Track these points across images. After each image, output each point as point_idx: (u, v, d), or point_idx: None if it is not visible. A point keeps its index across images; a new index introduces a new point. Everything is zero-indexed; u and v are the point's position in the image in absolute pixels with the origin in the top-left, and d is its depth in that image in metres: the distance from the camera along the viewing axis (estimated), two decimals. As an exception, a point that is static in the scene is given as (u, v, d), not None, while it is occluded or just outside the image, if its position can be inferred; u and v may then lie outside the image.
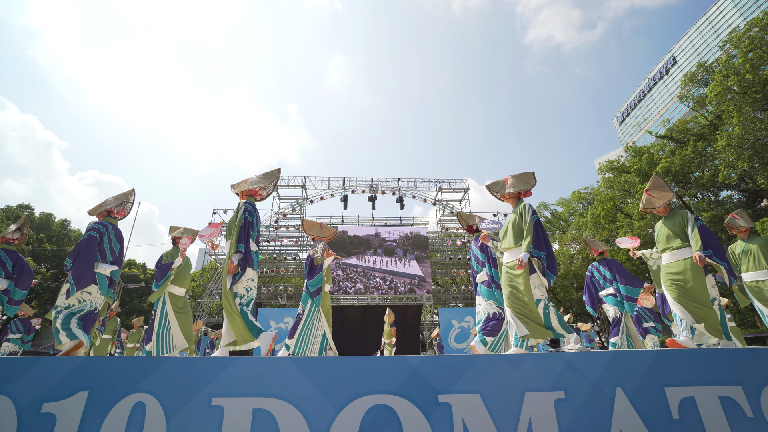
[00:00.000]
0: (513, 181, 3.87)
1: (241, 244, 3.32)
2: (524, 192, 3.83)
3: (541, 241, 3.40)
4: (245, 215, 3.47)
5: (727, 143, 16.20)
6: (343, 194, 22.05)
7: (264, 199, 3.96)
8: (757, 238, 4.76)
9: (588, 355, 2.40)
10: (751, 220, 4.92)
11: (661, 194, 4.14)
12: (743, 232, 4.86)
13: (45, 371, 2.14)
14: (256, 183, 3.81)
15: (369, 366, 2.25)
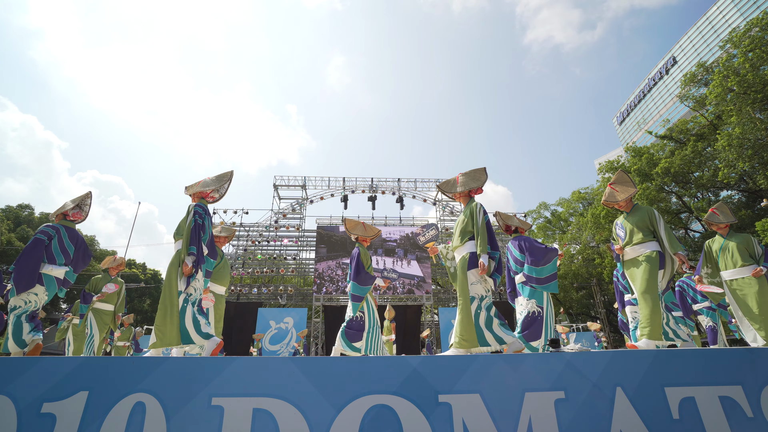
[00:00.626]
0: (463, 179, 3.71)
1: (193, 246, 3.31)
2: (474, 190, 3.67)
3: (492, 240, 3.33)
4: (195, 218, 3.45)
5: (728, 143, 16.21)
6: (343, 194, 22.06)
7: (216, 202, 3.93)
8: (735, 235, 4.60)
9: (588, 355, 2.40)
10: (732, 216, 4.73)
11: (625, 189, 4.05)
12: (722, 228, 4.69)
13: (45, 371, 2.14)
14: (208, 185, 3.80)
15: (369, 366, 2.26)
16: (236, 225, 21.17)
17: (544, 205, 33.99)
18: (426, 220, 22.88)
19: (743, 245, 4.45)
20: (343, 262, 20.38)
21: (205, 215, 3.57)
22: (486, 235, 3.30)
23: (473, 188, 3.61)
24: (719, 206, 4.78)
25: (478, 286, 3.25)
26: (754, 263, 4.31)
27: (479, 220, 3.37)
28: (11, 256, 26.55)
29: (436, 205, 23.09)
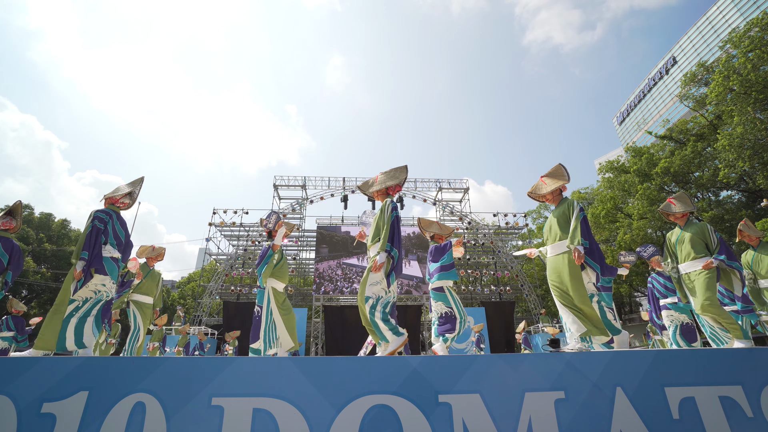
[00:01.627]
0: (382, 177, 3.70)
1: (85, 251, 3.42)
2: (392, 187, 3.63)
3: (395, 239, 3.26)
4: (93, 223, 3.57)
5: (728, 143, 16.20)
6: (343, 194, 22.06)
7: (128, 207, 4.02)
8: (692, 225, 4.27)
9: (588, 355, 2.40)
10: (692, 204, 4.37)
11: (553, 182, 3.74)
12: (679, 218, 4.37)
13: (45, 371, 2.14)
14: (119, 191, 3.94)
15: (369, 366, 2.25)
16: (236, 225, 21.17)
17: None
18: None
19: (699, 236, 4.13)
20: (343, 263, 20.38)
21: (109, 220, 3.67)
22: (388, 233, 3.25)
23: (391, 186, 3.60)
24: (678, 195, 4.48)
25: (377, 286, 3.19)
26: (708, 255, 4.02)
27: (386, 217, 3.36)
28: (11, 256, 26.46)
29: (436, 204, 23.09)
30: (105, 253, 3.56)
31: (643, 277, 22.79)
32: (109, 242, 3.63)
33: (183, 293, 37.69)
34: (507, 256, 22.13)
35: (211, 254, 21.69)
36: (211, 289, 20.81)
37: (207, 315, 20.41)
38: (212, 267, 27.95)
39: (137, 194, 4.02)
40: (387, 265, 3.20)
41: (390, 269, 3.19)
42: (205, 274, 26.94)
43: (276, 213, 5.13)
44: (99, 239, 3.50)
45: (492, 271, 22.41)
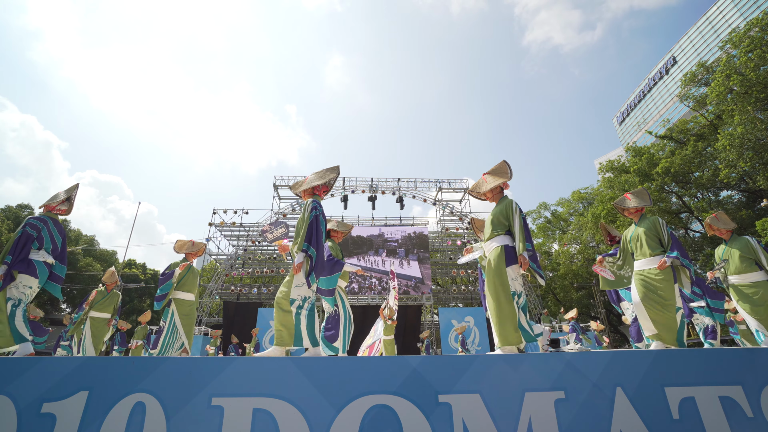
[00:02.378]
0: (311, 177, 3.65)
1: (9, 256, 3.59)
2: (319, 187, 3.60)
3: (313, 239, 3.20)
4: (24, 229, 3.73)
5: (729, 143, 16.19)
6: (343, 194, 22.06)
7: (67, 213, 4.16)
8: (645, 220, 4.05)
9: (588, 355, 2.40)
10: (649, 200, 4.13)
11: (494, 179, 3.63)
12: (633, 213, 4.14)
13: (45, 371, 2.14)
14: (55, 199, 4.09)
15: (369, 366, 2.25)
16: (236, 225, 21.17)
17: (544, 205, 33.99)
18: (426, 220, 22.89)
19: (651, 231, 3.91)
20: (343, 262, 20.38)
21: (44, 227, 3.83)
22: (306, 232, 3.21)
23: (317, 186, 3.57)
24: (636, 190, 4.25)
25: (302, 288, 3.17)
26: (662, 251, 3.81)
27: (304, 217, 3.33)
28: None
29: (436, 204, 23.09)
30: (38, 258, 3.75)
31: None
32: (44, 247, 3.80)
33: (183, 293, 37.61)
34: (507, 256, 22.08)
35: (211, 254, 21.70)
36: (211, 289, 20.81)
37: (207, 315, 20.41)
38: (212, 267, 27.95)
39: (74, 200, 4.19)
40: (306, 265, 3.15)
41: (309, 269, 3.14)
42: (205, 274, 26.95)
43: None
44: (28, 245, 3.69)
45: (492, 271, 22.36)
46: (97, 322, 6.14)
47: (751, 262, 4.38)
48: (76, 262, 30.66)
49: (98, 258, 33.27)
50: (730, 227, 4.69)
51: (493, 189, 3.62)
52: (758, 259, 4.35)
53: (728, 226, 4.69)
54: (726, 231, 4.70)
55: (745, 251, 4.43)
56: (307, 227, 3.23)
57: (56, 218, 4.05)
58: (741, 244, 4.51)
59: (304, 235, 3.21)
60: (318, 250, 3.19)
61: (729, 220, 4.75)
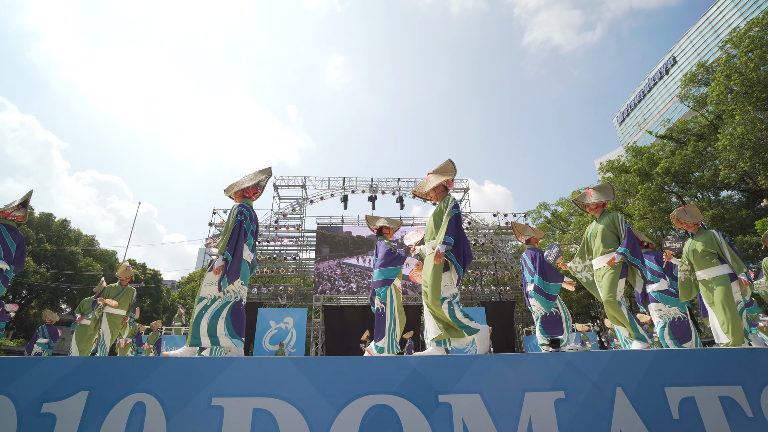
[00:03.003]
0: (243, 179, 3.69)
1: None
2: (248, 190, 3.61)
3: (232, 243, 3.25)
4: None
5: (729, 143, 16.20)
6: (343, 194, 22.06)
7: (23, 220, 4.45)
8: (605, 216, 3.91)
9: (588, 355, 2.40)
10: (611, 195, 3.95)
11: (437, 177, 3.54)
12: (593, 209, 4.02)
13: (45, 371, 2.14)
14: (10, 206, 4.36)
15: (369, 366, 2.25)
16: (236, 225, 21.15)
17: (544, 205, 33.99)
18: (426, 220, 22.88)
19: (609, 228, 3.77)
20: (343, 262, 20.39)
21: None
22: (228, 237, 3.27)
23: (247, 188, 3.60)
24: (599, 185, 4.09)
25: (211, 287, 3.23)
26: None
27: (229, 221, 3.37)
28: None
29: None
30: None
31: (643, 277, 22.73)
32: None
33: (183, 293, 37.68)
34: (507, 256, 22.12)
35: (211, 254, 21.70)
36: (211, 289, 20.79)
37: (207, 315, 20.39)
38: (212, 267, 27.89)
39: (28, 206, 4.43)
40: (223, 268, 3.19)
41: (222, 274, 3.17)
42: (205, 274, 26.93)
43: None
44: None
45: (492, 271, 22.40)
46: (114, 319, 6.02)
47: (714, 256, 4.22)
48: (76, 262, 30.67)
49: (98, 258, 33.26)
50: (697, 220, 4.49)
51: (436, 188, 3.55)
52: (722, 253, 4.19)
53: (695, 219, 4.49)
54: (693, 224, 4.51)
55: (708, 245, 4.27)
56: (230, 232, 3.29)
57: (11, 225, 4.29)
58: (705, 237, 4.33)
59: (227, 240, 3.27)
60: (233, 255, 3.22)
61: (698, 213, 4.55)
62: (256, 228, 3.63)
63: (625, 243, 3.60)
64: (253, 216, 3.56)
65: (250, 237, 3.45)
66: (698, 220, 4.50)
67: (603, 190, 4.03)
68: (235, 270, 3.26)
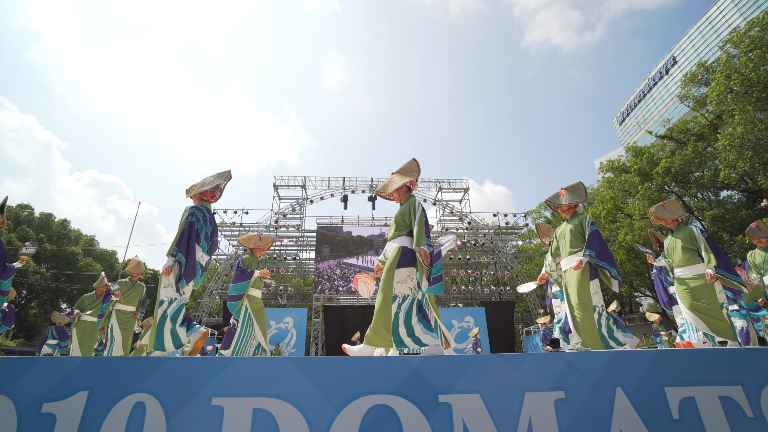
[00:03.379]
0: (204, 180, 3.72)
1: None
2: (206, 192, 3.64)
3: (183, 244, 3.26)
4: None
5: (729, 143, 16.20)
6: (343, 194, 22.07)
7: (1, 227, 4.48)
8: (575, 217, 3.83)
9: (588, 355, 2.40)
10: (583, 195, 3.89)
11: (400, 178, 3.51)
12: (565, 210, 3.92)
13: (45, 371, 2.14)
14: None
15: (369, 366, 2.25)
16: (236, 225, 21.18)
17: (544, 205, 33.97)
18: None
19: (577, 229, 3.69)
20: (343, 262, 20.39)
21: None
22: (178, 238, 3.33)
23: (204, 191, 3.62)
24: (571, 186, 3.99)
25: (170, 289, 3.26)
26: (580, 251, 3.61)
27: (181, 221, 3.45)
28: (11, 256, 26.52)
29: (436, 205, 23.10)
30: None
31: (643, 276, 22.79)
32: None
33: (183, 293, 37.63)
34: (507, 256, 22.12)
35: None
36: (211, 289, 20.81)
37: (207, 315, 20.42)
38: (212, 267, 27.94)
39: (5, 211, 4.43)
40: (176, 270, 3.22)
41: (179, 274, 3.20)
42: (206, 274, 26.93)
43: None
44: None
45: (492, 271, 22.41)
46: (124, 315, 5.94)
47: (694, 253, 4.14)
48: (76, 262, 30.67)
49: (98, 258, 33.27)
50: (676, 216, 4.38)
51: (399, 189, 3.47)
52: (699, 249, 4.10)
53: (675, 215, 4.39)
54: (672, 220, 4.40)
55: (687, 242, 4.17)
56: (180, 233, 3.35)
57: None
58: (685, 234, 4.25)
59: (176, 240, 3.32)
60: (188, 256, 3.25)
61: (678, 208, 4.43)
62: (214, 230, 3.63)
63: (591, 245, 3.54)
64: (209, 218, 3.57)
65: (203, 239, 3.48)
66: (677, 216, 4.41)
67: (575, 190, 3.94)
68: (192, 271, 3.28)
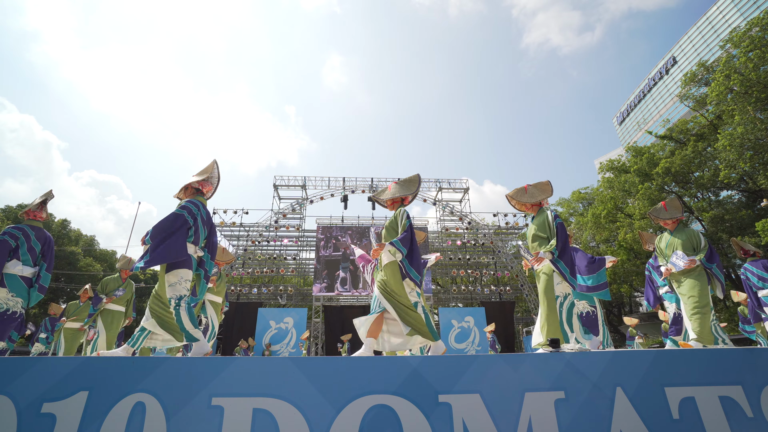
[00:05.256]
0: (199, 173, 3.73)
1: None
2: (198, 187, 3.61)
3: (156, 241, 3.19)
4: None
5: (729, 143, 16.20)
6: (343, 194, 22.05)
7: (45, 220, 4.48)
8: (539, 214, 3.72)
9: (588, 355, 2.40)
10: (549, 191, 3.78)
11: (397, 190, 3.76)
12: (530, 208, 3.87)
13: (45, 371, 2.14)
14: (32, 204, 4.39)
15: (369, 366, 2.25)
16: (236, 225, 21.17)
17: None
18: (426, 220, 22.87)
19: (540, 227, 3.64)
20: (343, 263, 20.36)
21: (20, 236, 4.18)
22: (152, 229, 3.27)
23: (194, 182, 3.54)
24: (538, 183, 3.88)
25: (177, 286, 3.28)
26: None
27: None
28: (11, 256, 26.52)
29: (436, 204, 23.08)
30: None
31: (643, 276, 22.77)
32: None
33: (183, 293, 37.63)
34: (507, 256, 22.12)
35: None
36: (211, 289, 20.79)
37: (207, 315, 20.39)
38: (212, 267, 27.89)
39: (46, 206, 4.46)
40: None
41: None
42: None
43: None
44: None
45: (492, 271, 22.39)
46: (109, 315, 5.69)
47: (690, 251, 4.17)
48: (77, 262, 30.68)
49: (98, 258, 33.26)
50: (675, 217, 4.41)
51: (394, 200, 3.75)
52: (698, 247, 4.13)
53: (674, 216, 4.41)
54: (672, 221, 4.43)
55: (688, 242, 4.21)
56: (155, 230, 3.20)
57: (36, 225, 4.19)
58: (687, 234, 4.28)
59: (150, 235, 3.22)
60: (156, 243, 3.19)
61: (678, 208, 4.44)
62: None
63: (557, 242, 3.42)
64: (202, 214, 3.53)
65: None
66: (676, 216, 4.43)
67: (541, 187, 3.85)
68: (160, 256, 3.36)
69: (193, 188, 3.53)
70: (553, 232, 3.51)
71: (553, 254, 3.40)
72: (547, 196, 3.78)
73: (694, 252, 4.18)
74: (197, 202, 3.38)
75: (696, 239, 4.24)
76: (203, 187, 3.56)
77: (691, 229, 4.39)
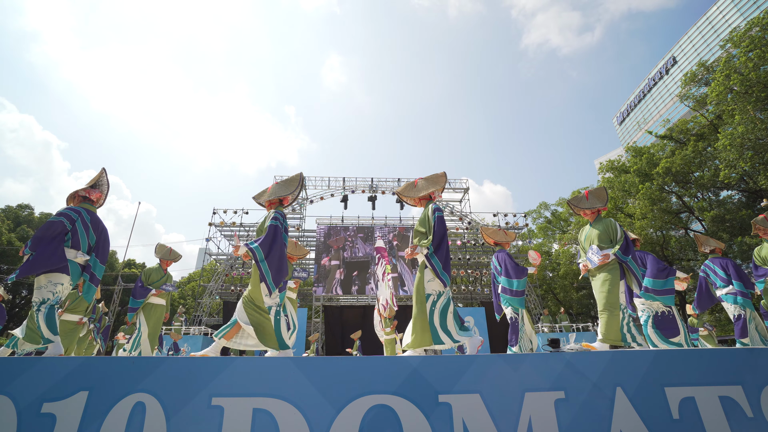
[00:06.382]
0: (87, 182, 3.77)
1: None
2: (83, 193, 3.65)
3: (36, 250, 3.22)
4: None
5: (729, 143, 16.19)
6: (343, 194, 22.04)
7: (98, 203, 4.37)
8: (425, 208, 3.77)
9: (588, 355, 2.40)
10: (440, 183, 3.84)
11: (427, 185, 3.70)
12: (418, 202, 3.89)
13: (45, 371, 2.14)
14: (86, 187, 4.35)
15: (369, 366, 2.25)
16: (236, 225, 21.17)
17: (544, 205, 33.95)
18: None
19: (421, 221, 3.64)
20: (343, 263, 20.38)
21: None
22: None
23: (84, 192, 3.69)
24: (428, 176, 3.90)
25: None
26: None
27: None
28: (11, 256, 26.54)
29: (436, 205, 23.06)
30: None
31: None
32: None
33: (183, 293, 37.67)
34: (507, 256, 22.08)
35: (211, 254, 21.69)
36: (211, 289, 20.80)
37: (207, 315, 20.40)
38: (212, 267, 27.92)
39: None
40: None
41: None
42: (205, 274, 26.91)
43: None
44: None
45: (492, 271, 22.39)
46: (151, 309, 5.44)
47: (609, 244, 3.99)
48: (76, 262, 30.61)
49: (98, 258, 33.23)
50: (595, 207, 4.24)
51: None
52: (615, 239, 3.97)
53: (594, 206, 4.24)
54: (591, 212, 4.26)
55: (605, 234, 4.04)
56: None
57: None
58: (604, 225, 4.10)
59: None
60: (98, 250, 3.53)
61: (601, 198, 4.26)
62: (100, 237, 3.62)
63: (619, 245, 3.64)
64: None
65: None
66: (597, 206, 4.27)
67: (432, 179, 3.86)
68: None
69: (80, 197, 3.66)
70: (431, 227, 3.42)
71: (428, 249, 3.32)
72: (439, 188, 3.73)
73: (611, 244, 3.96)
74: (79, 209, 3.49)
75: (613, 230, 4.02)
76: (90, 194, 3.68)
77: (609, 219, 4.14)
